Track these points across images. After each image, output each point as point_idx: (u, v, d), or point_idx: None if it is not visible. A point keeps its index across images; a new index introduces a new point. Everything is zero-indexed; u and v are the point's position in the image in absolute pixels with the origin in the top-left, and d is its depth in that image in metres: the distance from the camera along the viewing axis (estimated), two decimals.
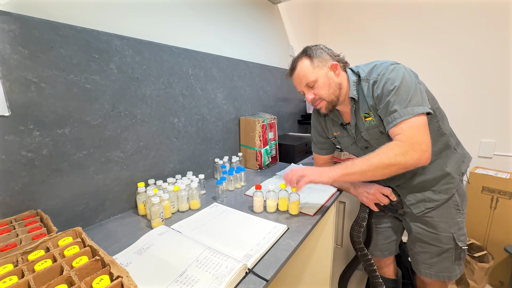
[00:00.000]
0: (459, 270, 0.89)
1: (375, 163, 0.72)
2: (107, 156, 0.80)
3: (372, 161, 0.73)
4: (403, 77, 0.75)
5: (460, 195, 0.87)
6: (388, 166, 0.71)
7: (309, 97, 0.88)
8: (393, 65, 0.79)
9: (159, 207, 0.75)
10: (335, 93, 0.86)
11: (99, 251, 0.47)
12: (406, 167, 0.72)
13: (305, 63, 0.87)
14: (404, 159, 0.70)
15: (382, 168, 0.72)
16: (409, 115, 0.72)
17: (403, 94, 0.74)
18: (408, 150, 0.70)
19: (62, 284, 0.40)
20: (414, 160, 0.70)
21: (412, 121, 0.72)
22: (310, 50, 0.87)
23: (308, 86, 0.88)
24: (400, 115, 0.73)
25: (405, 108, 0.73)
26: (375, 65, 0.83)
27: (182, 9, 1.02)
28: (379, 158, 0.72)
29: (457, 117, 1.73)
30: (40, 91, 0.64)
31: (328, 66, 0.86)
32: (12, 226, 0.58)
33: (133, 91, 0.85)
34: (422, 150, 0.70)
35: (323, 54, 0.87)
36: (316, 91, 0.86)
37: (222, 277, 0.51)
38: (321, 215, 0.84)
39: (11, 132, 0.60)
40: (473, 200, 1.61)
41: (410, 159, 0.70)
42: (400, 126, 0.73)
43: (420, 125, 0.72)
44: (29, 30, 0.61)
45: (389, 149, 0.72)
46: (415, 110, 0.72)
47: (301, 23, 1.99)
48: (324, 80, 0.85)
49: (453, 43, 1.70)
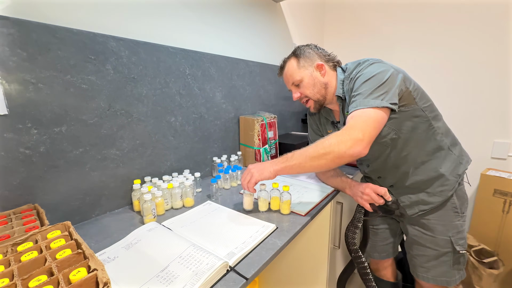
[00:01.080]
0: (459, 275, 0.86)
1: (311, 153, 0.71)
2: (103, 154, 0.83)
3: (308, 151, 0.71)
4: (379, 72, 0.74)
5: (459, 197, 0.84)
6: (323, 156, 0.69)
7: (295, 96, 0.92)
8: (375, 62, 0.78)
9: (151, 204, 0.77)
10: (320, 93, 0.88)
11: (82, 245, 0.49)
12: (340, 156, 0.68)
13: (292, 63, 0.90)
14: (338, 147, 0.67)
15: (317, 158, 0.70)
16: (363, 106, 0.70)
17: (369, 86, 0.72)
18: (342, 139, 0.68)
19: (43, 275, 0.42)
20: (346, 148, 0.67)
21: (363, 111, 0.70)
22: (299, 50, 0.90)
23: (294, 85, 0.91)
24: (355, 105, 0.72)
25: (365, 99, 0.71)
26: (358, 63, 0.82)
27: (180, 9, 1.04)
28: (315, 148, 0.71)
29: (469, 117, 1.66)
30: (38, 91, 0.67)
31: (314, 66, 0.88)
32: (9, 219, 0.61)
33: (129, 91, 0.87)
34: (357, 139, 0.67)
35: (311, 54, 0.88)
36: (301, 90, 0.90)
37: (201, 274, 0.52)
38: (313, 216, 0.83)
39: (10, 130, 0.64)
40: (484, 203, 1.54)
41: (343, 147, 0.67)
42: (350, 115, 0.72)
43: (369, 117, 0.69)
44: (27, 33, 0.65)
45: (326, 139, 0.71)
46: (370, 102, 0.70)
47: (305, 21, 1.97)
48: (309, 80, 0.88)
49: (465, 41, 1.62)
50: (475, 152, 1.65)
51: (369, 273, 0.94)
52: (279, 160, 0.76)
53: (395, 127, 0.79)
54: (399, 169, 0.85)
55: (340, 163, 0.71)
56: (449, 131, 0.87)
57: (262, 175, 0.76)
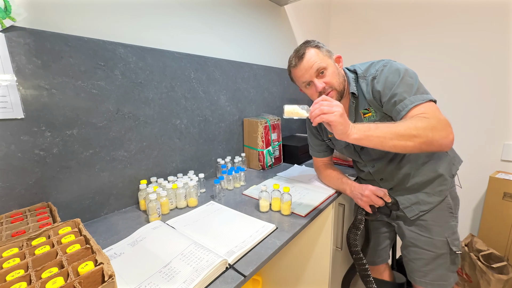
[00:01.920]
0: (453, 277, 0.86)
1: (401, 130, 0.66)
2: (112, 155, 0.87)
3: (398, 128, 0.66)
4: (405, 69, 0.76)
5: (453, 198, 0.84)
6: (413, 137, 0.65)
7: (320, 86, 0.82)
8: (390, 61, 0.79)
9: (156, 203, 0.81)
10: (342, 84, 0.85)
11: (90, 240, 0.52)
12: (430, 144, 0.66)
13: (315, 50, 0.84)
14: (432, 134, 0.65)
15: (406, 138, 0.65)
16: (420, 101, 0.71)
17: (409, 83, 0.73)
18: (436, 126, 0.66)
19: (54, 267, 0.45)
20: (441, 137, 0.65)
21: (429, 105, 0.70)
22: (314, 42, 0.87)
23: (318, 73, 0.82)
24: (411, 101, 0.72)
25: (414, 95, 0.72)
26: (372, 63, 0.83)
27: (185, 15, 1.08)
28: (406, 127, 0.66)
29: (478, 118, 1.63)
30: (51, 97, 0.72)
31: (333, 58, 0.87)
32: (25, 216, 0.66)
33: (136, 95, 0.91)
34: (449, 131, 0.66)
35: (326, 47, 0.88)
36: (327, 79, 0.82)
37: (201, 270, 0.54)
38: (313, 217, 0.85)
39: (26, 133, 0.69)
40: (493, 207, 1.50)
41: (437, 135, 0.65)
42: (417, 109, 0.70)
43: (437, 109, 0.70)
44: (42, 42, 0.69)
45: (417, 121, 0.67)
46: (425, 97, 0.71)
47: (310, 24, 1.98)
48: (334, 69, 0.84)
49: (473, 41, 1.60)
50: (484, 154, 1.62)
51: (370, 275, 0.94)
52: (360, 126, 0.67)
53: None
54: (401, 170, 0.85)
55: (424, 150, 0.68)
56: None
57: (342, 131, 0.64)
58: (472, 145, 1.65)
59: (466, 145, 1.63)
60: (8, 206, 0.68)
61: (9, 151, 0.66)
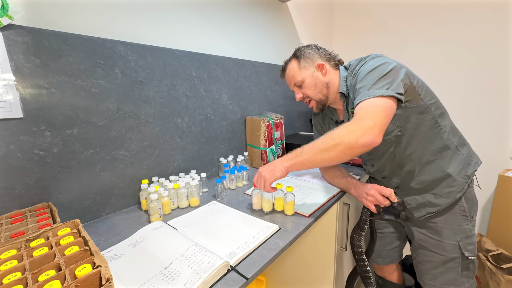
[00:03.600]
0: (468, 283, 0.82)
1: (320, 146, 0.68)
2: (113, 155, 0.86)
3: (318, 144, 0.69)
4: (380, 64, 0.73)
5: (468, 200, 0.80)
6: (333, 147, 0.66)
7: (298, 96, 0.93)
8: (377, 56, 0.77)
9: (157, 203, 0.79)
10: (322, 92, 0.88)
11: (89, 242, 0.51)
12: (351, 146, 0.64)
13: (293, 64, 0.92)
14: (348, 137, 0.64)
15: (327, 150, 0.67)
16: (368, 96, 0.68)
17: (371, 78, 0.71)
18: (352, 128, 0.64)
19: (51, 270, 0.44)
20: (357, 137, 0.63)
21: (371, 101, 0.67)
22: (299, 51, 0.91)
23: (296, 86, 0.92)
24: (361, 97, 0.70)
25: (367, 90, 0.69)
26: (361, 58, 0.82)
27: (185, 12, 1.06)
28: (324, 140, 0.68)
29: (487, 115, 1.59)
30: (50, 96, 0.71)
31: (314, 66, 0.88)
32: (25, 216, 0.65)
33: (137, 94, 0.90)
34: (367, 127, 0.63)
35: (311, 55, 0.89)
36: (303, 90, 0.90)
37: (201, 273, 0.53)
38: (317, 217, 0.83)
39: (25, 133, 0.68)
40: (502, 206, 1.47)
41: (353, 137, 0.63)
42: (358, 107, 0.69)
43: (377, 105, 0.66)
44: (40, 41, 0.68)
45: (334, 131, 0.68)
46: (375, 92, 0.68)
47: (313, 20, 1.95)
48: (310, 80, 0.88)
49: (480, 37, 1.55)
50: (493, 152, 1.58)
51: (371, 276, 0.93)
52: (288, 157, 0.75)
53: (400, 123, 0.77)
54: (403, 168, 0.83)
55: (352, 154, 0.67)
56: (457, 131, 0.84)
57: (274, 176, 0.75)
58: (481, 143, 1.60)
59: (475, 143, 1.57)
60: (9, 206, 0.67)
61: (9, 151, 0.66)
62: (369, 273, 0.93)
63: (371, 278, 0.93)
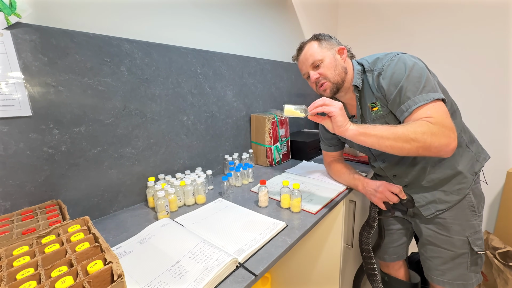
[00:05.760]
0: (475, 278, 0.82)
1: (398, 132, 0.66)
2: (120, 152, 0.86)
3: (396, 130, 0.67)
4: (413, 65, 0.72)
5: (476, 195, 0.80)
6: (410, 141, 0.65)
7: (314, 77, 0.85)
8: (397, 55, 0.75)
9: (164, 201, 0.80)
10: (340, 75, 0.85)
11: (99, 239, 0.51)
12: (428, 149, 0.65)
13: (313, 44, 0.88)
14: (431, 139, 0.64)
15: (403, 141, 0.66)
16: (424, 101, 0.68)
17: (416, 81, 0.70)
18: (438, 132, 0.64)
19: (64, 266, 0.45)
20: (441, 144, 0.64)
21: (434, 105, 0.67)
22: (319, 35, 0.89)
23: (313, 66, 0.86)
24: (414, 102, 0.69)
25: (419, 95, 0.68)
26: (378, 57, 0.80)
27: (190, 9, 1.05)
28: (405, 130, 0.66)
29: (496, 111, 1.56)
30: (58, 94, 0.71)
31: (335, 49, 0.87)
32: (35, 213, 0.66)
33: (143, 91, 0.90)
34: (451, 138, 0.65)
35: (332, 40, 0.88)
36: (321, 70, 0.84)
37: (210, 269, 0.53)
38: (324, 214, 0.83)
39: (34, 131, 0.68)
40: (510, 203, 1.45)
41: (436, 142, 0.64)
42: (422, 111, 0.68)
43: (444, 111, 0.67)
44: (48, 39, 0.69)
45: (417, 125, 0.66)
46: (430, 96, 0.68)
47: (318, 17, 1.93)
48: (331, 61, 0.85)
49: (487, 33, 1.52)
50: (501, 148, 1.56)
51: (377, 274, 0.92)
52: (358, 125, 0.72)
53: None
54: (416, 166, 0.82)
55: (422, 154, 0.68)
56: (467, 128, 0.84)
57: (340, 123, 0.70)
58: (489, 139, 1.57)
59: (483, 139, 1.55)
60: (19, 203, 0.68)
61: (18, 149, 0.66)
62: (375, 270, 0.92)
63: (377, 276, 0.93)
